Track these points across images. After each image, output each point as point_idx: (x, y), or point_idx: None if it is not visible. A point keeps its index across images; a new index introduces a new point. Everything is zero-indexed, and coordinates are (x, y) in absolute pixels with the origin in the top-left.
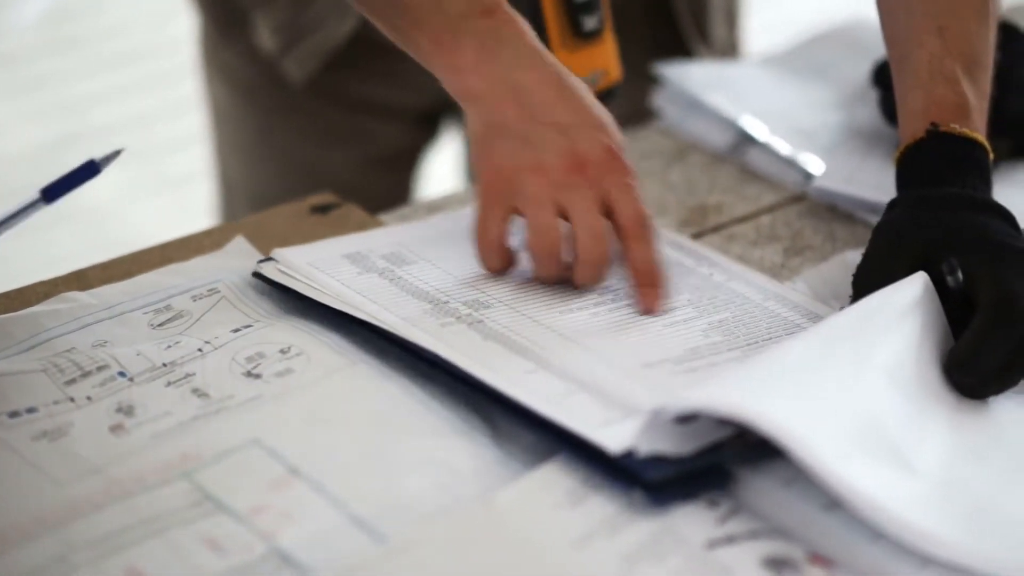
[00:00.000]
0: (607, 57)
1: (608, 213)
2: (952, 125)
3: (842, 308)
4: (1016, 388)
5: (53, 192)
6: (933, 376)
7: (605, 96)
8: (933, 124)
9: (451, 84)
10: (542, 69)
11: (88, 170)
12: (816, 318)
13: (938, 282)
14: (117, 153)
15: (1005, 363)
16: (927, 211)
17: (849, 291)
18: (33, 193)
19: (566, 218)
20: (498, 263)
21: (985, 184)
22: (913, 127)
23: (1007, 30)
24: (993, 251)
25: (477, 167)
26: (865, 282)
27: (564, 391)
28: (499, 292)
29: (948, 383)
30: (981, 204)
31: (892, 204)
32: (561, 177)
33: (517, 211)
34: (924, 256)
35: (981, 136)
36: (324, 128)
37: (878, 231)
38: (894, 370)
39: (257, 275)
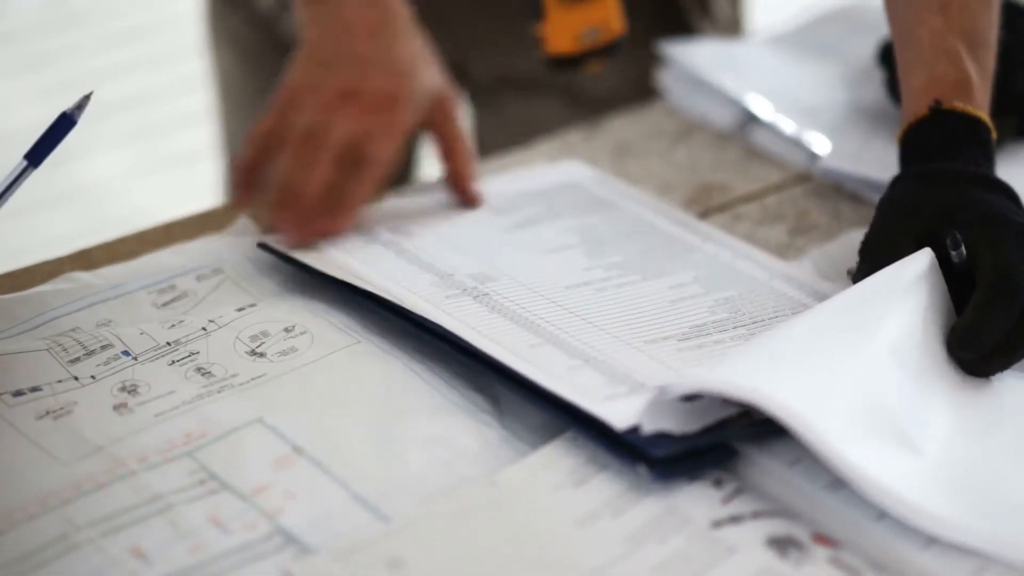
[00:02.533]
0: (606, 12)
1: (359, 151)
2: (955, 102)
3: (848, 283)
4: (1020, 366)
5: (37, 154)
6: (937, 355)
7: (607, 51)
8: (936, 101)
9: (297, 17)
10: (370, 9)
11: (64, 123)
12: (822, 297)
13: (942, 257)
14: (87, 98)
15: (1006, 338)
16: (930, 187)
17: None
18: (18, 161)
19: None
20: (247, 158)
21: (988, 161)
22: (916, 105)
23: (1013, 9)
24: (995, 226)
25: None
26: (870, 257)
27: (569, 366)
28: (505, 265)
29: (952, 361)
30: (983, 180)
31: (895, 180)
32: (332, 100)
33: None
34: (927, 231)
35: (984, 113)
36: None
37: (882, 207)
38: (899, 349)
39: (262, 246)
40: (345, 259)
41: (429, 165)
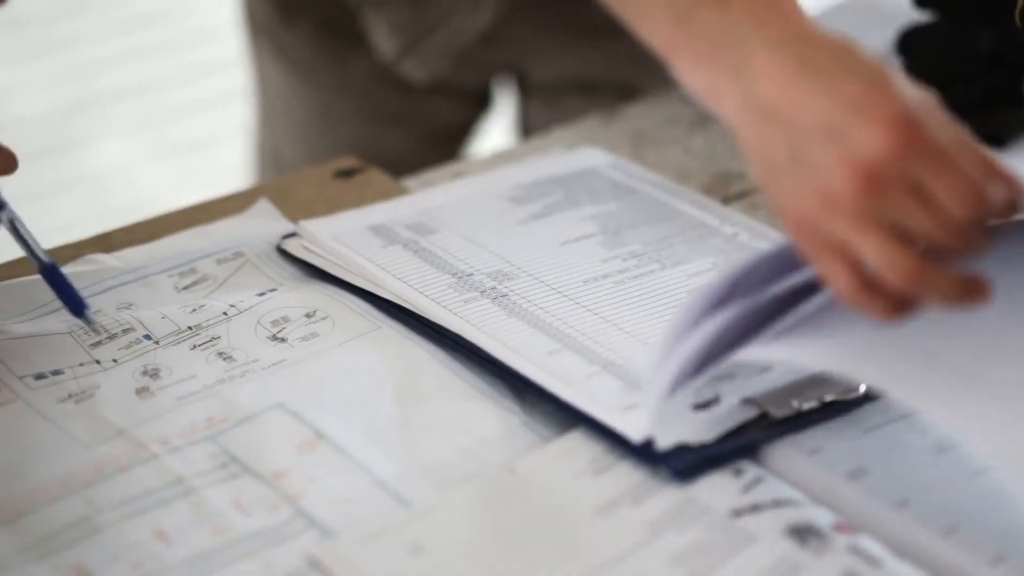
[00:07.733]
0: None
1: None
2: None
3: None
4: None
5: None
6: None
7: None
8: None
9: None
10: (776, 50)
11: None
12: None
13: None
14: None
15: None
16: None
17: None
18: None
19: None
20: (886, 305)
21: None
22: None
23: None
24: None
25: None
26: None
27: (587, 373)
28: (524, 260)
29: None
30: None
31: None
32: (855, 204)
33: (841, 247)
34: None
35: None
36: (384, 109)
37: None
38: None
39: (281, 251)
40: (364, 264)
41: (481, 140)
